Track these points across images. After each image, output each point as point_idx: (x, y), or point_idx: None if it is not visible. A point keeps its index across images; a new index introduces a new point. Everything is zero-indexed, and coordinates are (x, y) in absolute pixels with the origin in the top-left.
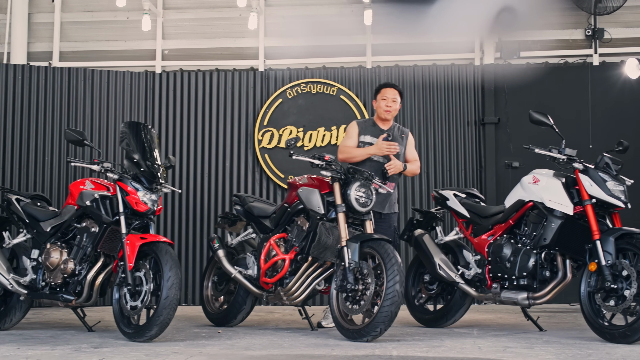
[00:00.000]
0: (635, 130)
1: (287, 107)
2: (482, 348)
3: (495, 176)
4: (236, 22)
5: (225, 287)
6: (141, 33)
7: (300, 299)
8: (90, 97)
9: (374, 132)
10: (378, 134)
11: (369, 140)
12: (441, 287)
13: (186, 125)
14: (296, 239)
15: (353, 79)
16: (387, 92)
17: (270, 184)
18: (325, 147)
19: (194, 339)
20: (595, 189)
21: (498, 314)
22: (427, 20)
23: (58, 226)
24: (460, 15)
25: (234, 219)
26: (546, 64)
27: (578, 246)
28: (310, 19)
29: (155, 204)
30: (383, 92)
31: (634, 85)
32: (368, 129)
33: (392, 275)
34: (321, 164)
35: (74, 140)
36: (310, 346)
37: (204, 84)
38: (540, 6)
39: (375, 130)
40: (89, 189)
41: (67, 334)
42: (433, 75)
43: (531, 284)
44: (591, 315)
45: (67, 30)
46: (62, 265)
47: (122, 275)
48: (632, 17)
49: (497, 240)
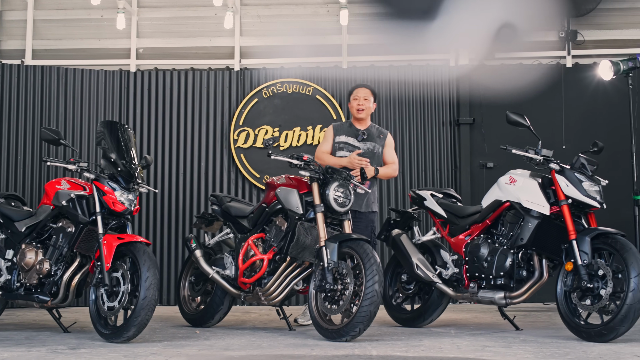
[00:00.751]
0: (607, 131)
1: (262, 106)
2: (460, 347)
3: (470, 176)
4: (212, 21)
5: (202, 287)
6: (115, 31)
7: (278, 299)
8: (64, 95)
9: (350, 132)
10: (354, 133)
11: (344, 140)
12: (418, 286)
13: (161, 124)
14: (274, 239)
15: (329, 78)
16: (358, 91)
17: (246, 184)
18: (301, 147)
19: (172, 340)
20: (571, 190)
21: (474, 313)
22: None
23: (33, 226)
24: (460, 31)
25: (210, 219)
26: (520, 65)
27: (554, 246)
28: (286, 19)
29: (132, 204)
30: (355, 92)
31: (607, 87)
32: (344, 130)
33: (371, 275)
34: (300, 164)
35: (50, 139)
36: (289, 346)
37: (179, 83)
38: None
39: (352, 130)
40: (65, 188)
41: (42, 335)
42: (408, 76)
43: (508, 284)
44: (567, 315)
45: (40, 28)
46: (37, 265)
47: (99, 276)
48: (605, 20)
49: (475, 240)
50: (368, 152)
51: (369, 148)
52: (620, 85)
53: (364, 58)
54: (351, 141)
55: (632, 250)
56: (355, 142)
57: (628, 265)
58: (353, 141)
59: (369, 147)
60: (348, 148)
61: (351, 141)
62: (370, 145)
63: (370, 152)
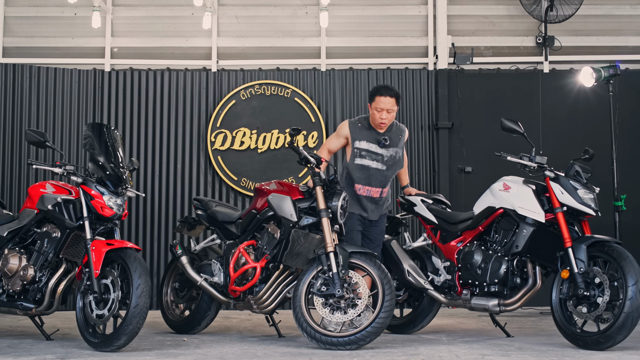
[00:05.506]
0: (584, 136)
1: (240, 108)
2: (459, 356)
3: (449, 180)
4: (188, 21)
5: (187, 293)
6: (90, 30)
7: (271, 307)
8: (36, 95)
9: (371, 137)
10: (375, 139)
11: (365, 147)
12: (409, 293)
13: (136, 125)
14: (267, 246)
15: (307, 81)
16: (382, 102)
17: (223, 187)
18: (279, 150)
19: (162, 348)
20: (566, 197)
21: (457, 318)
22: None
23: (16, 231)
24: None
25: (193, 223)
26: (498, 70)
27: (548, 253)
28: (265, 20)
29: (121, 209)
30: (378, 101)
31: (588, 93)
32: (363, 133)
33: (389, 291)
34: (313, 164)
35: (35, 141)
36: (285, 355)
37: (155, 84)
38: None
39: (372, 135)
40: (50, 192)
41: (24, 343)
42: (387, 79)
43: (502, 291)
44: (563, 322)
45: (12, 25)
46: (21, 271)
47: (87, 283)
48: (582, 26)
49: (468, 246)
50: (390, 159)
51: (392, 155)
52: (600, 91)
53: (343, 61)
54: (373, 148)
55: (629, 259)
56: (377, 149)
57: (625, 274)
58: (375, 148)
59: (391, 154)
60: (371, 156)
61: (373, 148)
62: (393, 152)
63: (392, 158)
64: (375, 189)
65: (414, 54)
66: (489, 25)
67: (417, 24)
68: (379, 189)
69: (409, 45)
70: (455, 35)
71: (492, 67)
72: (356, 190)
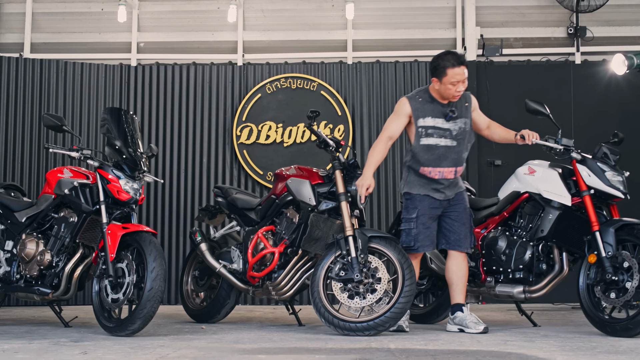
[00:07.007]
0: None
1: (266, 102)
2: (481, 342)
3: (478, 174)
4: (214, 15)
5: (206, 282)
6: (116, 25)
7: (289, 294)
8: (62, 89)
9: (435, 112)
10: (440, 112)
11: (431, 124)
12: (432, 282)
13: (162, 120)
14: (285, 231)
15: (334, 74)
16: (457, 74)
17: (249, 181)
18: (305, 144)
19: (178, 334)
20: (593, 180)
21: (484, 312)
22: None
23: (34, 216)
24: None
25: (214, 212)
26: (528, 62)
27: (575, 238)
28: (291, 13)
29: (137, 193)
30: (451, 74)
31: (620, 82)
32: (426, 109)
33: (409, 275)
34: (332, 147)
35: (52, 125)
36: (301, 340)
37: (181, 78)
38: None
39: (436, 108)
40: (68, 177)
41: (42, 329)
42: (415, 72)
43: (527, 278)
44: (590, 309)
45: (39, 21)
46: (38, 256)
47: (102, 267)
48: (614, 16)
49: (492, 232)
50: (460, 133)
51: (461, 127)
52: (633, 79)
53: (370, 53)
54: (440, 123)
55: None
56: (444, 123)
57: None
58: (442, 123)
59: (460, 127)
60: (438, 133)
61: (440, 123)
62: (462, 123)
63: (462, 131)
64: (448, 169)
65: (442, 46)
66: (518, 16)
67: (445, 15)
68: (452, 168)
69: (436, 37)
70: (484, 26)
71: (522, 58)
72: (426, 173)
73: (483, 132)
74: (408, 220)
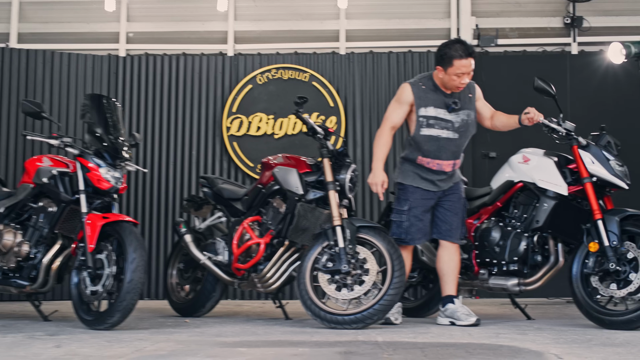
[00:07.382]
0: (614, 119)
1: (257, 93)
2: (472, 334)
3: (472, 166)
4: (204, 4)
5: (191, 274)
6: (104, 15)
7: (275, 286)
8: (49, 80)
9: (437, 102)
10: (443, 102)
11: (432, 114)
12: (422, 275)
13: (151, 111)
14: (272, 221)
15: (326, 65)
16: (463, 65)
17: (239, 173)
18: (296, 136)
19: (160, 328)
20: (597, 167)
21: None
22: None
23: (12, 206)
24: None
25: (200, 203)
26: (524, 53)
27: (571, 229)
28: (282, 3)
29: (118, 182)
30: (457, 65)
31: (617, 72)
32: (429, 98)
33: (399, 266)
34: (321, 135)
35: (31, 112)
36: (287, 333)
37: (171, 69)
38: None
39: (438, 98)
40: (47, 165)
41: (20, 323)
42: (409, 63)
43: (521, 270)
44: (584, 298)
45: (26, 10)
46: (15, 248)
47: (81, 258)
48: (611, 6)
49: (485, 223)
50: (462, 125)
51: (463, 119)
52: (630, 69)
53: (362, 44)
54: (442, 114)
55: None
56: (446, 114)
57: None
58: (444, 114)
59: (462, 119)
60: (440, 124)
61: (442, 114)
62: (464, 115)
63: (465, 123)
64: (447, 161)
65: (436, 36)
66: (514, 5)
67: (439, 5)
68: (451, 161)
69: (431, 27)
70: (479, 16)
71: (517, 49)
72: (424, 163)
73: (486, 122)
74: (399, 212)
